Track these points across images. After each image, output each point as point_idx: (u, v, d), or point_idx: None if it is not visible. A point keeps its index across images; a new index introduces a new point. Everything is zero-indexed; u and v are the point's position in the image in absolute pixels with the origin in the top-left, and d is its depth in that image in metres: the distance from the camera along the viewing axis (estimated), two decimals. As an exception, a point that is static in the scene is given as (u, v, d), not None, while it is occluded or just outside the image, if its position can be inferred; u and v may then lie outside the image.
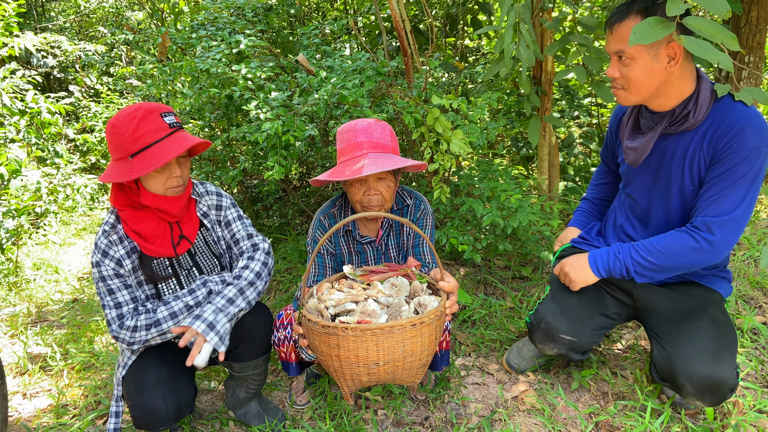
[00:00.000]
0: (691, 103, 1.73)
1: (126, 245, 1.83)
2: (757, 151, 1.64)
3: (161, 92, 3.48)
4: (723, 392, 1.80)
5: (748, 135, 1.64)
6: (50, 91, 8.37)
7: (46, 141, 5.67)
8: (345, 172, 1.87)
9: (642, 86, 1.73)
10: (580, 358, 2.19)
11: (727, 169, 1.68)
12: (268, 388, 2.43)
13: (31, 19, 8.47)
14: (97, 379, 2.60)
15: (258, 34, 3.29)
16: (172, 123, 1.73)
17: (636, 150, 1.87)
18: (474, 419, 2.14)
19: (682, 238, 1.76)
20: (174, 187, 1.78)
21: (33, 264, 4.40)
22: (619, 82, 1.76)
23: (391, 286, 1.80)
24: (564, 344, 2.11)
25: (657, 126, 1.81)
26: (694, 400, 1.85)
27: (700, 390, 1.80)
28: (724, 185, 1.69)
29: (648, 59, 1.68)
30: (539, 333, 2.16)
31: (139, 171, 1.65)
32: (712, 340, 1.82)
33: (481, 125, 2.92)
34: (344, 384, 1.67)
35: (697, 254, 1.74)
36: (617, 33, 1.70)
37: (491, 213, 2.74)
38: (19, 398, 2.54)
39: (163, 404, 1.79)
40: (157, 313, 1.82)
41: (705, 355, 1.80)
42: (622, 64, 1.72)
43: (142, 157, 1.66)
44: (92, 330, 3.14)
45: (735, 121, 1.67)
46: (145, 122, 1.67)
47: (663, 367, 1.91)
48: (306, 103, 2.60)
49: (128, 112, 1.69)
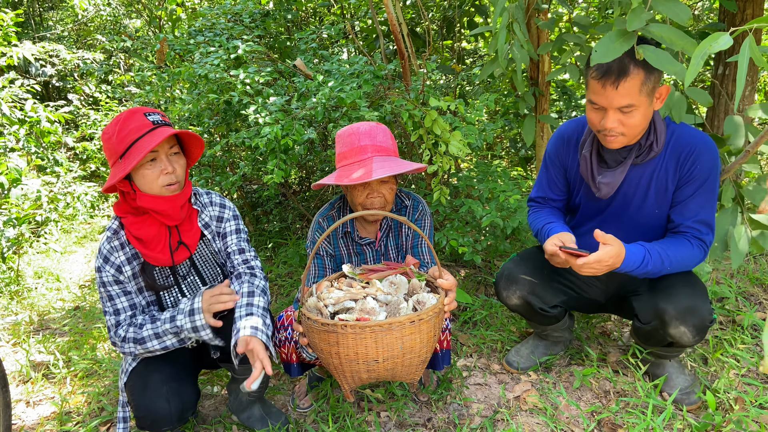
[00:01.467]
0: (651, 134, 1.89)
1: (127, 251, 1.84)
2: (715, 168, 1.89)
3: (160, 99, 3.50)
4: (702, 316, 1.91)
5: (705, 156, 1.87)
6: (49, 99, 8.40)
7: (45, 150, 5.68)
8: (351, 175, 1.88)
9: (640, 130, 1.83)
10: (546, 310, 2.24)
11: (698, 187, 1.89)
12: (271, 392, 2.44)
13: (29, 28, 8.50)
14: (100, 385, 2.61)
15: (255, 39, 3.31)
16: (155, 120, 1.73)
17: (608, 184, 1.98)
18: (476, 419, 2.14)
19: (687, 247, 1.91)
20: (167, 184, 1.77)
21: (34, 272, 4.41)
22: (619, 130, 1.80)
23: (389, 284, 1.81)
24: (524, 285, 2.20)
25: (626, 159, 1.93)
26: (678, 325, 1.94)
27: (682, 312, 1.92)
28: (701, 200, 1.90)
29: (648, 104, 1.77)
30: (502, 281, 2.26)
31: (126, 168, 1.67)
32: (687, 283, 1.99)
33: (479, 127, 2.93)
34: (344, 381, 1.68)
35: (700, 259, 1.94)
36: (624, 89, 1.71)
37: (490, 214, 2.75)
38: (22, 406, 2.55)
39: (166, 404, 1.80)
40: (143, 330, 1.81)
41: (682, 289, 1.96)
42: (624, 113, 1.77)
43: (128, 155, 1.68)
44: (94, 337, 3.14)
45: (693, 147, 1.88)
46: (128, 122, 1.70)
47: (645, 308, 2.05)
48: (304, 107, 2.61)
49: (115, 117, 1.74)
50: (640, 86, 1.71)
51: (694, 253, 1.91)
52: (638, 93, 1.72)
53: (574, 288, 2.29)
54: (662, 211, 2.00)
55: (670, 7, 1.80)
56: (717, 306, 2.68)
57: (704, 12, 5.47)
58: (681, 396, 2.11)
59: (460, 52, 5.12)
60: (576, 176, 2.14)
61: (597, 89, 1.76)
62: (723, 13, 3.70)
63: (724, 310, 2.66)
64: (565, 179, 2.19)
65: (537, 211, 2.26)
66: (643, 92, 1.72)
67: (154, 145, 1.66)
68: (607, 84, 1.72)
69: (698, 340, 1.97)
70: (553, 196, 2.24)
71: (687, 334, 1.94)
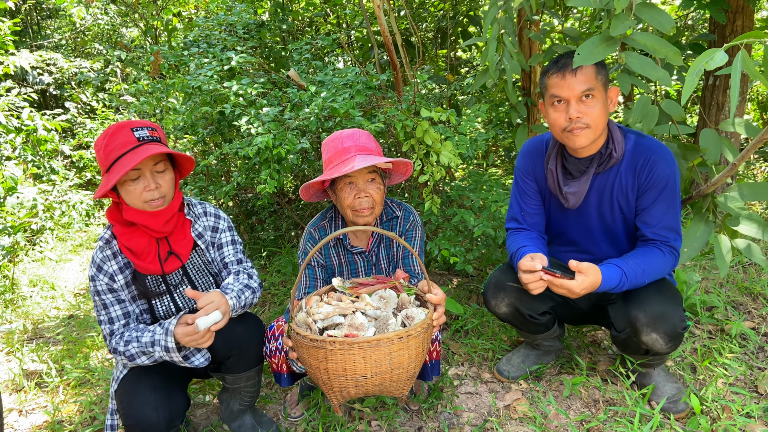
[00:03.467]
0: (610, 143, 1.97)
1: (119, 261, 1.86)
2: (673, 174, 1.95)
3: (154, 109, 3.52)
4: (674, 323, 1.94)
5: (662, 164, 1.93)
6: (46, 108, 8.42)
7: (42, 158, 5.70)
8: (335, 173, 1.92)
9: (601, 123, 1.91)
10: (537, 319, 2.26)
11: (658, 194, 1.96)
12: (262, 401, 2.45)
13: (27, 36, 8.53)
14: (92, 394, 2.61)
15: (250, 50, 3.34)
16: (141, 137, 1.75)
17: (575, 194, 2.05)
18: (467, 428, 2.15)
19: (658, 256, 1.97)
20: (150, 200, 1.79)
21: (29, 281, 4.42)
22: (584, 121, 1.88)
23: (379, 298, 1.82)
24: (512, 292, 2.21)
25: (589, 168, 2.02)
26: (649, 332, 1.97)
27: (653, 319, 1.95)
28: (663, 206, 1.96)
29: (604, 99, 1.90)
30: (490, 289, 2.28)
31: (107, 184, 1.70)
32: (659, 291, 2.02)
33: (472, 136, 2.96)
34: (333, 396, 1.69)
35: (671, 266, 2.00)
36: (582, 75, 1.86)
37: (482, 224, 2.77)
38: (15, 415, 2.55)
39: (154, 413, 1.81)
40: (129, 347, 1.82)
41: (654, 297, 1.99)
42: (585, 104, 1.88)
43: (112, 170, 1.71)
44: (88, 346, 3.15)
45: (648, 155, 1.95)
46: (114, 137, 1.73)
47: (619, 316, 2.08)
48: (297, 117, 2.63)
49: (105, 129, 1.77)
50: (595, 73, 1.86)
51: (667, 260, 1.97)
52: (595, 79, 1.86)
53: (560, 296, 2.30)
54: (628, 217, 2.06)
55: (653, 16, 1.86)
56: (706, 315, 2.70)
57: (697, 22, 5.52)
58: (668, 404, 2.12)
59: (453, 62, 5.16)
60: (545, 190, 2.21)
61: (558, 82, 1.89)
62: (713, 24, 3.74)
63: (713, 319, 2.68)
64: (538, 192, 2.24)
65: (514, 235, 2.27)
66: (599, 80, 1.87)
67: (133, 165, 1.68)
68: (566, 73, 1.86)
69: (672, 348, 2.01)
70: (530, 210, 2.25)
71: (659, 341, 1.97)
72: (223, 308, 1.72)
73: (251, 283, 1.97)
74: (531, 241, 2.18)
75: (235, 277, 1.97)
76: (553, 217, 2.25)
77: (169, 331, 1.73)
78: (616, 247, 2.15)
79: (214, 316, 1.69)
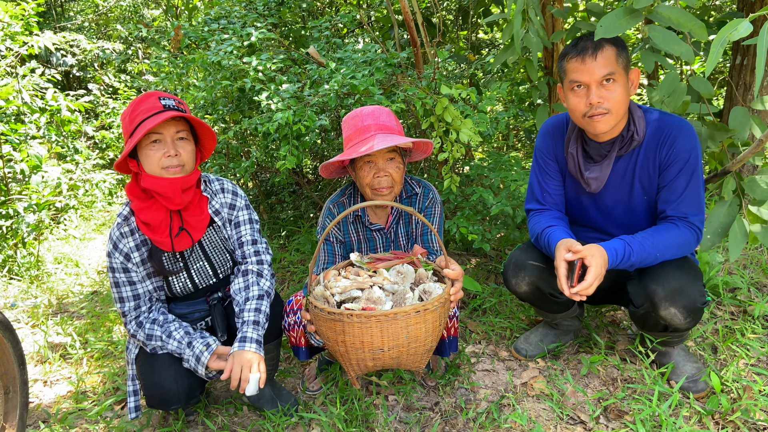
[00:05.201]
0: (631, 125, 1.94)
1: (137, 237, 1.89)
2: (694, 149, 1.91)
3: (176, 86, 3.54)
4: (693, 297, 1.92)
5: (682, 138, 1.90)
6: (70, 89, 8.52)
7: (65, 138, 5.78)
8: (355, 152, 1.92)
9: (622, 108, 1.88)
10: (558, 298, 2.24)
11: (679, 171, 1.92)
12: (281, 375, 2.48)
13: (50, 18, 8.62)
14: (115, 366, 2.67)
15: (269, 27, 3.33)
16: (166, 105, 1.78)
17: (597, 179, 2.03)
18: (483, 404, 2.16)
19: (675, 232, 1.93)
20: (168, 166, 1.80)
21: (54, 258, 4.51)
22: (605, 106, 1.84)
23: (396, 273, 1.83)
24: (533, 271, 2.19)
25: (611, 152, 1.99)
26: (668, 306, 1.95)
27: (671, 293, 1.94)
28: (685, 181, 1.92)
29: (625, 82, 1.85)
30: (511, 268, 2.26)
31: (129, 145, 1.73)
32: (678, 266, 1.99)
33: (491, 115, 2.93)
34: (350, 369, 1.70)
35: (692, 242, 1.95)
36: (602, 58, 1.82)
37: (501, 202, 2.75)
38: (40, 386, 2.62)
39: (174, 384, 1.84)
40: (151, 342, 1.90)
41: (673, 272, 1.97)
42: (606, 88, 1.84)
43: (135, 133, 1.73)
44: (111, 320, 3.21)
45: (669, 131, 1.92)
46: (141, 104, 1.76)
47: (637, 291, 2.06)
48: (317, 94, 2.63)
49: (132, 100, 1.81)
50: (616, 57, 1.81)
51: (683, 234, 1.92)
52: (615, 63, 1.81)
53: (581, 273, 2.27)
54: (650, 197, 2.04)
55: None
56: (728, 296, 2.66)
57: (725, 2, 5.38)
58: (688, 384, 2.11)
59: (475, 42, 5.10)
60: (565, 171, 2.18)
61: (577, 67, 1.85)
62: (741, 2, 3.64)
63: (735, 300, 2.64)
64: (559, 172, 2.21)
65: (536, 216, 2.22)
66: (619, 63, 1.82)
67: (153, 125, 1.69)
68: (587, 57, 1.82)
69: (691, 323, 1.98)
70: (551, 190, 2.22)
71: (678, 315, 1.95)
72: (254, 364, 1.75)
73: (263, 285, 1.97)
74: (556, 221, 2.14)
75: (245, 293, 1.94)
76: (572, 199, 2.22)
77: (201, 362, 1.81)
78: (637, 229, 2.11)
79: (254, 378, 1.73)
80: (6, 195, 4.45)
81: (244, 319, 1.85)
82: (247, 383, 1.71)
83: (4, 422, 2.05)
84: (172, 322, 1.91)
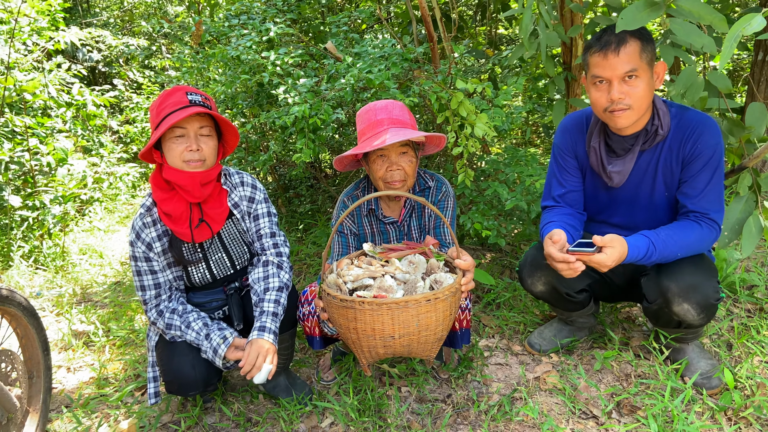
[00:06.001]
0: (656, 119, 1.92)
1: (158, 228, 1.94)
2: (718, 145, 1.89)
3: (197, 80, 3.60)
4: (706, 294, 1.92)
5: (707, 135, 1.88)
6: (95, 84, 8.69)
7: (91, 132, 5.91)
8: (367, 146, 1.95)
9: (644, 104, 1.85)
10: (571, 295, 2.22)
11: (702, 166, 1.90)
12: (297, 365, 2.52)
13: (76, 14, 8.78)
14: (136, 353, 2.74)
15: (288, 22, 3.37)
16: (193, 100, 1.82)
17: (620, 173, 2.02)
18: (495, 397, 2.18)
19: (695, 231, 1.91)
20: (188, 160, 1.84)
21: (79, 249, 4.62)
22: (626, 102, 1.82)
23: (408, 263, 1.85)
24: (549, 270, 2.16)
25: (634, 146, 1.97)
26: (681, 302, 1.94)
27: (685, 289, 1.93)
28: (707, 177, 1.90)
29: (649, 77, 1.83)
30: (527, 268, 2.25)
31: (154, 137, 1.78)
32: (692, 262, 1.98)
33: (507, 110, 2.93)
34: (362, 356, 1.73)
35: (711, 239, 1.94)
36: (625, 54, 1.79)
37: (515, 197, 2.76)
38: (63, 372, 2.70)
39: (191, 371, 1.89)
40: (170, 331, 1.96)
41: (687, 268, 1.96)
42: (628, 84, 1.81)
43: (160, 126, 1.78)
44: (132, 309, 3.29)
45: (694, 126, 1.90)
46: (169, 98, 1.82)
47: (651, 287, 2.05)
48: (333, 88, 2.66)
49: (161, 93, 1.87)
50: (639, 52, 1.78)
51: (704, 234, 1.91)
52: (639, 58, 1.78)
53: (597, 273, 2.27)
54: (671, 193, 2.02)
55: None
56: (745, 293, 2.64)
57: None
58: (702, 380, 2.10)
59: (493, 37, 5.09)
60: (586, 167, 2.16)
61: (599, 62, 1.82)
62: (766, -5, 3.59)
63: (752, 298, 2.62)
64: (578, 168, 2.19)
65: (547, 212, 2.22)
66: (643, 59, 1.79)
67: (177, 120, 1.74)
68: (609, 52, 1.79)
69: (705, 320, 1.97)
70: (569, 187, 2.19)
71: (691, 311, 1.94)
72: (269, 355, 1.79)
73: (282, 277, 2.01)
74: (559, 217, 2.13)
75: (265, 284, 1.98)
76: (593, 195, 2.20)
77: (218, 354, 1.86)
78: (657, 225, 2.08)
79: (266, 369, 1.77)
80: (33, 187, 4.57)
81: (263, 309, 1.89)
82: (258, 371, 1.75)
83: (28, 406, 2.12)
84: (191, 313, 1.96)
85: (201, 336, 1.89)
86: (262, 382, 1.79)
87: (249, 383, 2.41)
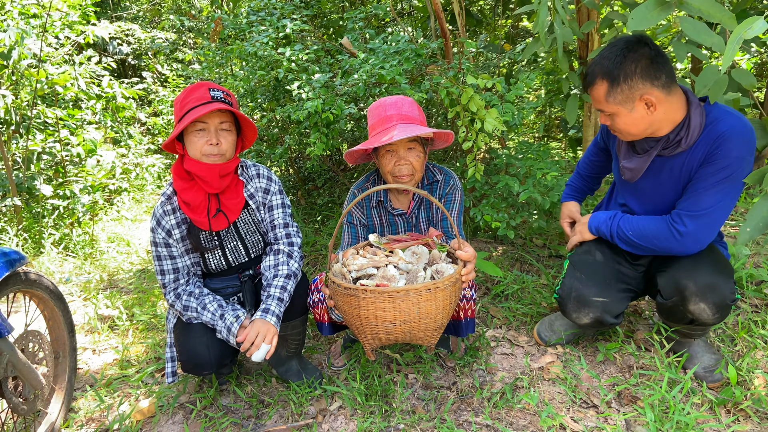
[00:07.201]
0: (683, 130, 1.87)
1: (178, 216, 2.05)
2: (740, 159, 1.80)
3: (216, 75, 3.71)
4: (723, 294, 1.92)
5: (732, 144, 1.80)
6: (125, 77, 8.91)
7: (120, 124, 6.09)
8: (376, 141, 2.02)
9: (631, 132, 1.90)
10: (615, 322, 2.23)
11: (710, 171, 1.85)
12: (309, 351, 2.62)
13: (107, 8, 9.00)
14: (157, 337, 2.87)
15: (305, 18, 3.45)
16: (215, 96, 1.92)
17: (632, 170, 2.05)
18: (498, 385, 2.24)
19: (659, 225, 1.99)
20: (208, 154, 1.94)
21: (107, 237, 4.79)
22: (614, 128, 1.93)
23: (411, 253, 1.92)
24: (597, 307, 2.18)
25: (652, 149, 1.97)
26: (698, 301, 1.96)
27: (703, 289, 1.94)
28: (704, 185, 1.87)
29: (626, 113, 1.85)
30: (571, 302, 2.24)
31: (177, 130, 1.88)
32: (710, 262, 1.98)
33: (519, 106, 2.97)
34: (366, 341, 1.82)
35: (668, 242, 1.96)
36: (592, 96, 1.91)
37: (528, 189, 2.80)
38: (89, 354, 2.84)
39: (206, 351, 2.00)
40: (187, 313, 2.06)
41: (705, 267, 1.96)
42: (609, 118, 1.90)
43: (182, 120, 1.89)
44: (155, 295, 3.43)
45: (719, 136, 1.82)
46: (192, 93, 1.92)
47: (668, 283, 2.05)
48: (347, 83, 2.74)
49: (186, 87, 1.96)
50: (604, 96, 1.84)
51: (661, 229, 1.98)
52: (604, 101, 1.84)
53: (632, 283, 2.25)
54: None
55: None
56: (753, 289, 2.65)
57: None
58: (704, 373, 2.13)
59: (512, 32, 5.10)
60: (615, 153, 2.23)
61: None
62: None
63: (760, 293, 2.63)
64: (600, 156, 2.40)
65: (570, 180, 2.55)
66: (610, 102, 1.83)
67: (199, 115, 1.84)
68: (585, 88, 1.91)
69: (719, 319, 1.98)
70: (594, 159, 2.44)
71: (707, 311, 1.96)
72: (269, 337, 1.90)
73: (291, 266, 2.10)
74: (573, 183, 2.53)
75: (274, 271, 2.08)
76: (618, 184, 2.28)
77: (232, 332, 1.95)
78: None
79: (264, 348, 1.88)
80: (63, 177, 4.75)
81: (270, 293, 1.99)
82: (257, 350, 1.86)
83: (54, 383, 2.25)
84: (207, 296, 2.07)
85: (216, 316, 2.00)
86: (259, 361, 1.89)
87: (263, 367, 2.51)
